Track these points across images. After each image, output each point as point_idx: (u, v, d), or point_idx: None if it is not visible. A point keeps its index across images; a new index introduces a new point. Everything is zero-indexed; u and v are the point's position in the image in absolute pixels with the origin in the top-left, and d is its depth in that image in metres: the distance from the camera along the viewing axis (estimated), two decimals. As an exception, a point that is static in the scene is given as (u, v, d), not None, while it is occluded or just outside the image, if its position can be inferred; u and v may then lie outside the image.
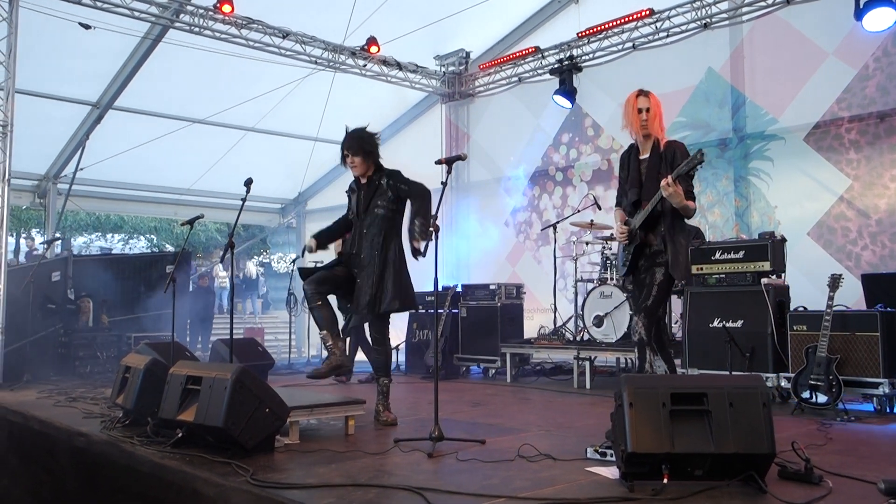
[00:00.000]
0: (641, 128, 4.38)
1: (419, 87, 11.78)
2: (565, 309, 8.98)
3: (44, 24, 8.45)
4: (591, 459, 3.77)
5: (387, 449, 4.11)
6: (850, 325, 5.62)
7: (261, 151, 12.20)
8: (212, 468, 3.61)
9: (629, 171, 4.52)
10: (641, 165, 4.45)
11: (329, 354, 4.99)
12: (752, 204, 8.62)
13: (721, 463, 3.13)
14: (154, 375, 4.76)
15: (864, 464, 3.74)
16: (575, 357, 7.65)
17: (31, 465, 5.23)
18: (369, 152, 5.22)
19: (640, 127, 4.38)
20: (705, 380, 3.78)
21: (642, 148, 4.47)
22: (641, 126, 4.37)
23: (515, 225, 11.24)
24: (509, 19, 11.17)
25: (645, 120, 4.34)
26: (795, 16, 8.23)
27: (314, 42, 10.13)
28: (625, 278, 4.73)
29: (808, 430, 4.76)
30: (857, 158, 7.76)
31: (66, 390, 7.00)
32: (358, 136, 5.25)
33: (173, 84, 10.53)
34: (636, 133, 4.44)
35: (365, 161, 5.20)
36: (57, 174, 12.09)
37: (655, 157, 4.36)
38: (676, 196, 4.10)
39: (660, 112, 4.40)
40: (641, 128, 4.38)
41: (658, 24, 9.24)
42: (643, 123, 4.35)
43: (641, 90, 4.42)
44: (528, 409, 6.25)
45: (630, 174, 4.50)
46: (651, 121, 4.35)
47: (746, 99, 8.68)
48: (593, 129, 10.31)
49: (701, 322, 6.42)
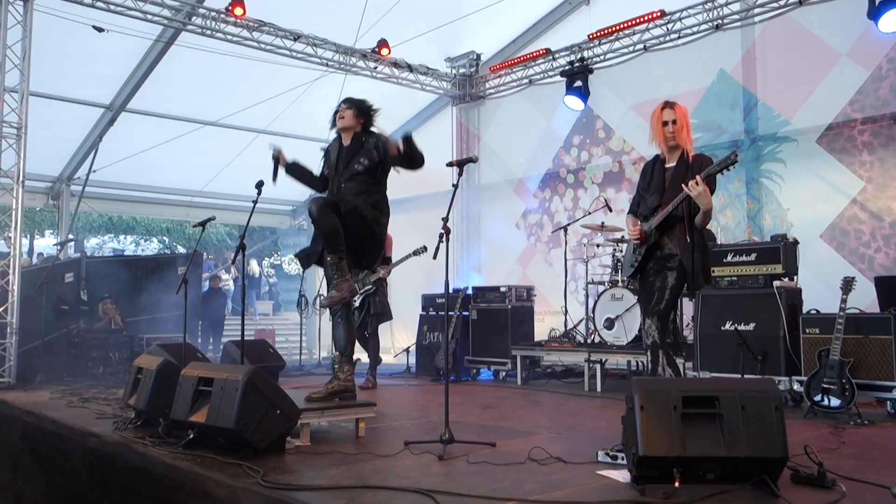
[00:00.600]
0: (668, 139, 4.35)
1: (430, 90, 11.79)
2: (576, 311, 8.96)
3: (57, 27, 8.51)
4: (602, 463, 3.76)
5: (397, 451, 4.11)
6: (863, 328, 5.58)
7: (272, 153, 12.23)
8: (223, 469, 3.62)
9: (652, 179, 4.46)
10: (666, 173, 4.40)
11: (333, 377, 4.90)
12: (765, 206, 8.57)
13: (733, 467, 3.12)
14: (166, 377, 4.78)
15: (878, 468, 3.71)
16: (586, 359, 7.63)
17: (45, 466, 5.27)
18: (361, 110, 5.12)
19: (667, 138, 4.35)
20: (717, 383, 3.76)
21: (668, 158, 4.44)
22: (668, 137, 4.34)
23: (527, 227, 11.23)
24: (520, 21, 11.17)
25: (672, 132, 4.32)
26: (808, 17, 8.19)
27: (325, 44, 10.16)
28: (630, 279, 4.70)
29: (821, 434, 4.73)
30: (871, 160, 7.71)
31: (79, 391, 7.05)
32: (357, 97, 5.23)
33: (185, 86, 10.58)
34: (662, 144, 4.41)
35: (355, 116, 5.10)
36: (70, 176, 12.18)
37: (682, 166, 4.32)
38: (704, 196, 4.07)
39: (687, 123, 4.37)
40: (668, 139, 4.35)
41: (669, 25, 9.21)
42: (670, 135, 4.33)
43: (667, 102, 4.38)
44: (538, 411, 6.24)
45: (653, 181, 4.45)
46: (678, 132, 4.32)
47: (758, 100, 8.64)
48: (604, 132, 10.29)
49: (713, 325, 6.40)
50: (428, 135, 12.51)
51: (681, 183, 4.21)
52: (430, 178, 7.07)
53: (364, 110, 5.15)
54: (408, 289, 10.17)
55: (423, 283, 9.59)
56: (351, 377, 4.92)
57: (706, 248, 4.38)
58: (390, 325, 12.78)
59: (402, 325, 12.01)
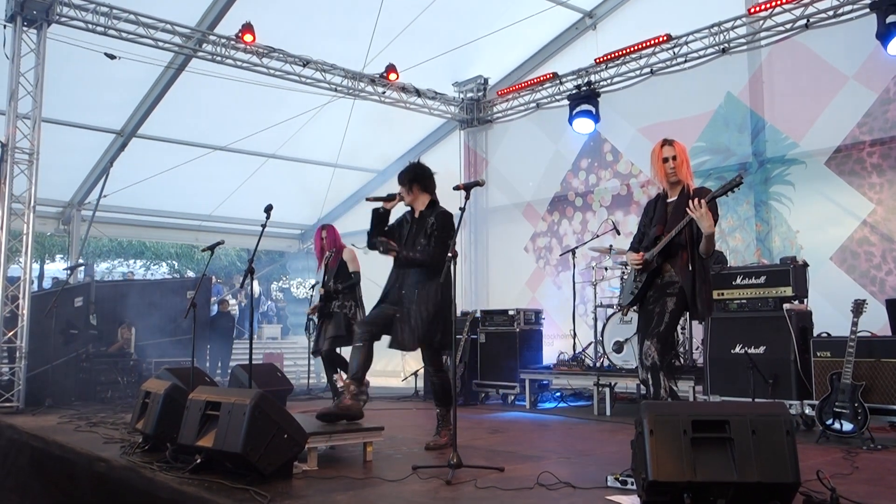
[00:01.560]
0: (669, 175, 4.41)
1: (438, 114, 11.86)
2: (586, 334, 8.92)
3: (70, 54, 8.64)
4: (611, 488, 3.72)
5: (405, 476, 4.08)
6: (875, 351, 5.53)
7: (281, 178, 12.32)
8: (230, 494, 3.61)
9: (655, 214, 4.52)
10: (668, 207, 4.46)
11: (342, 396, 4.94)
12: (774, 228, 8.55)
13: (744, 492, 3.08)
14: (174, 401, 4.78)
15: (893, 493, 3.67)
16: (595, 383, 7.59)
17: (52, 490, 5.25)
18: (413, 182, 5.23)
19: (668, 175, 4.41)
20: (727, 407, 3.73)
21: (670, 193, 4.48)
22: (669, 174, 4.40)
23: (535, 250, 11.22)
24: (527, 46, 11.26)
25: (673, 168, 4.38)
26: (814, 40, 8.22)
27: (334, 70, 10.25)
28: (628, 307, 4.69)
29: (833, 459, 4.68)
30: (880, 182, 7.69)
31: (87, 415, 7.04)
32: (408, 168, 5.32)
33: (196, 112, 10.69)
34: (664, 181, 4.46)
35: (409, 191, 5.23)
36: (81, 201, 12.28)
37: (683, 199, 4.36)
38: (706, 219, 4.07)
39: (686, 158, 4.44)
40: (669, 175, 4.41)
41: (676, 49, 9.26)
42: (671, 171, 4.38)
43: (665, 140, 4.46)
44: (547, 435, 6.19)
45: (656, 215, 4.50)
46: (679, 167, 4.38)
47: (766, 123, 8.65)
48: (612, 155, 10.31)
49: (723, 348, 6.35)
50: (436, 158, 12.53)
51: (682, 214, 4.25)
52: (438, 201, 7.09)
53: (413, 181, 5.22)
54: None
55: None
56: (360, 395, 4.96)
57: (708, 278, 4.38)
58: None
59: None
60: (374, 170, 13.17)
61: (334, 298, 7.24)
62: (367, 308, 6.99)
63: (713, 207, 4.15)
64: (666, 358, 4.23)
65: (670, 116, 9.43)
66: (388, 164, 12.88)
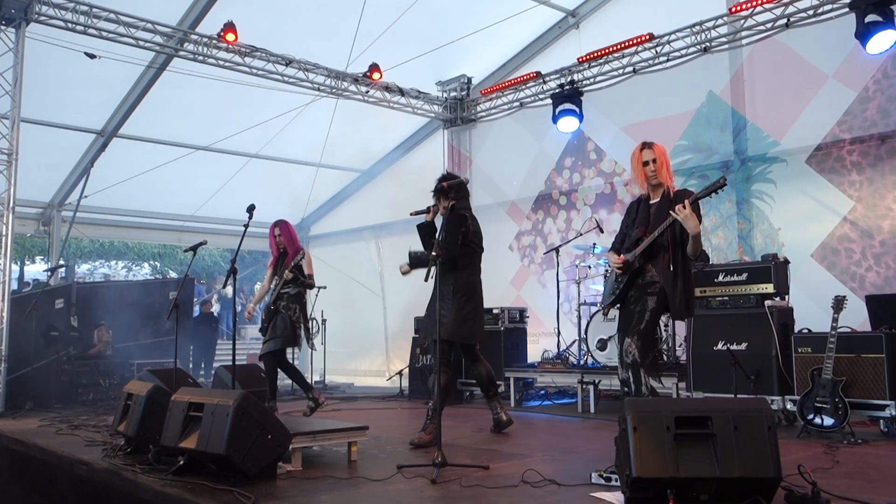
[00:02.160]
0: (650, 178, 4.44)
1: (421, 113, 11.85)
2: (570, 332, 8.94)
3: (49, 53, 8.54)
4: (595, 484, 3.74)
5: (390, 475, 4.08)
6: (855, 347, 5.59)
7: (264, 177, 12.24)
8: (214, 496, 3.59)
9: (637, 215, 4.54)
10: (651, 208, 4.48)
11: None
12: (756, 226, 8.61)
13: (727, 487, 3.10)
14: (156, 402, 4.74)
15: (872, 487, 3.70)
16: (579, 381, 7.62)
17: (33, 494, 5.20)
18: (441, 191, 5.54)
19: (649, 178, 4.44)
20: (710, 403, 3.76)
21: (652, 196, 4.51)
22: (649, 177, 4.44)
23: (520, 249, 11.24)
24: (510, 45, 11.26)
25: (653, 171, 4.41)
26: (795, 39, 8.28)
27: (317, 69, 10.21)
28: (609, 307, 4.72)
29: (814, 454, 4.72)
30: (860, 180, 7.77)
31: (69, 418, 6.98)
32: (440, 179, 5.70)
33: (177, 112, 10.61)
34: (644, 184, 4.50)
35: (439, 201, 5.63)
36: (61, 202, 12.15)
37: (665, 201, 4.39)
38: (691, 220, 4.10)
39: (666, 160, 4.47)
40: (650, 178, 4.44)
41: (658, 48, 9.30)
42: (651, 174, 4.42)
43: (645, 143, 4.49)
44: (532, 433, 6.20)
45: (638, 216, 4.53)
46: (659, 170, 4.42)
47: (747, 122, 8.71)
48: (595, 153, 10.34)
49: (705, 345, 6.40)
50: (420, 158, 12.57)
51: (665, 215, 4.28)
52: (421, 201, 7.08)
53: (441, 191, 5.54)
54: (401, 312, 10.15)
55: (416, 306, 9.57)
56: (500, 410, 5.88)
57: (690, 278, 4.41)
58: (385, 347, 12.82)
59: (396, 348, 11.98)
60: (358, 169, 13.13)
61: (279, 299, 7.10)
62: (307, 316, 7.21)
63: (696, 208, 4.18)
64: (647, 355, 4.26)
65: (653, 115, 9.48)
66: (371, 163, 12.86)
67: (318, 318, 11.90)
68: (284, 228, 7.39)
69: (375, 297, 12.72)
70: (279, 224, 7.42)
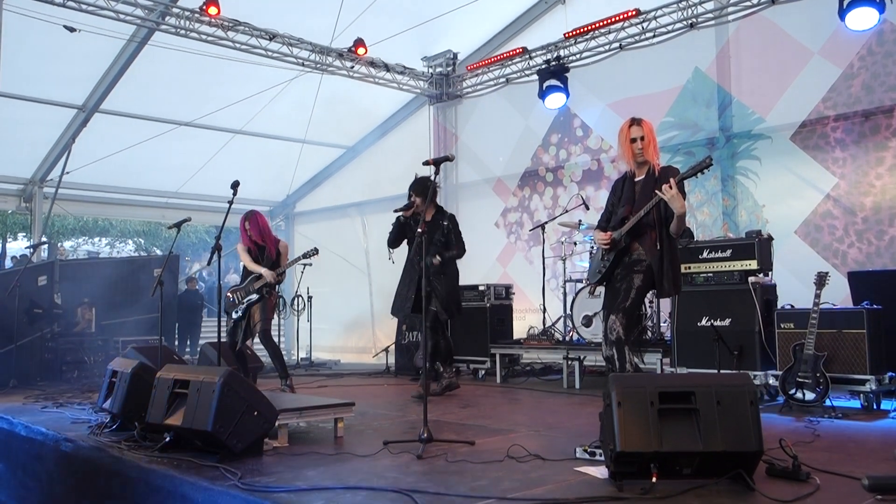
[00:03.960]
0: (636, 156, 4.43)
1: (407, 89, 11.76)
2: (557, 309, 8.98)
3: (28, 26, 8.38)
4: (580, 459, 3.78)
5: (376, 451, 4.10)
6: (837, 323, 5.65)
7: (248, 154, 12.15)
8: (200, 472, 3.60)
9: (623, 193, 4.55)
10: (636, 186, 4.49)
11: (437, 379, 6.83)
12: (741, 203, 8.65)
13: (709, 461, 3.14)
14: (141, 380, 4.73)
15: (852, 460, 3.76)
16: (564, 357, 7.66)
17: (18, 472, 5.19)
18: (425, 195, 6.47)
19: (636, 155, 4.43)
20: (693, 378, 3.79)
21: (637, 173, 4.51)
22: (636, 154, 4.43)
23: (506, 226, 11.24)
24: (496, 20, 11.17)
25: (640, 149, 4.41)
26: (781, 15, 8.27)
27: (301, 44, 10.10)
28: (595, 285, 4.75)
29: (795, 428, 4.79)
30: (843, 157, 7.81)
31: (53, 395, 6.96)
32: (421, 182, 6.76)
33: (160, 87, 10.46)
34: (631, 161, 4.49)
35: (424, 202, 6.52)
36: (43, 178, 11.99)
37: (650, 179, 4.40)
38: (677, 200, 4.10)
39: (653, 138, 4.46)
40: (636, 156, 4.43)
41: (644, 24, 9.26)
42: (638, 151, 4.41)
43: (634, 119, 4.47)
44: (517, 409, 6.25)
45: (624, 194, 4.54)
46: (646, 148, 4.42)
47: (733, 98, 8.71)
48: (582, 130, 10.33)
49: (689, 321, 6.44)
50: (405, 134, 12.50)
51: (650, 193, 4.29)
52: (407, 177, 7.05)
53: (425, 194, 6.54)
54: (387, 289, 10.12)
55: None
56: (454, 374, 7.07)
57: (676, 257, 4.44)
58: (371, 324, 12.83)
59: (382, 324, 12.00)
60: (343, 146, 13.05)
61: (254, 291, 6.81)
62: None
63: (681, 187, 4.19)
64: (631, 333, 4.29)
65: (639, 91, 9.46)
66: (356, 139, 12.78)
67: (303, 295, 11.89)
68: (254, 223, 6.95)
69: (361, 274, 12.71)
70: (249, 218, 6.99)
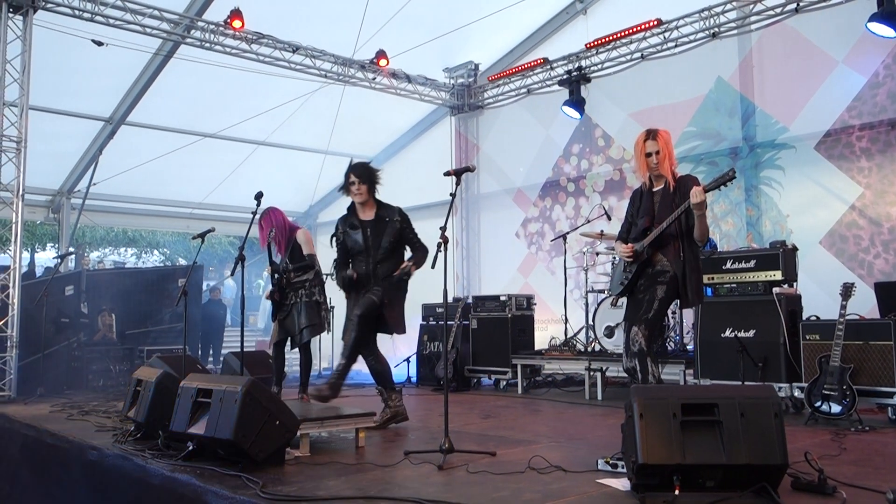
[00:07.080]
0: (652, 170, 4.48)
1: (428, 100, 11.82)
2: (578, 319, 8.94)
3: (57, 41, 8.55)
4: (602, 471, 3.75)
5: (397, 461, 4.10)
6: (863, 334, 5.57)
7: (271, 165, 12.27)
8: (222, 481, 3.62)
9: (641, 204, 4.56)
10: (655, 196, 4.49)
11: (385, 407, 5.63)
12: (765, 213, 8.58)
13: (733, 474, 3.11)
14: (165, 388, 4.78)
15: (880, 474, 3.70)
16: (586, 368, 7.62)
17: (44, 479, 5.25)
18: (374, 185, 5.54)
19: (651, 169, 4.47)
20: (716, 390, 3.76)
21: (655, 184, 4.53)
22: (652, 168, 4.47)
23: (527, 236, 11.23)
24: (518, 31, 11.21)
25: (656, 163, 4.42)
26: (804, 24, 8.21)
27: (324, 56, 10.20)
28: (618, 297, 4.74)
29: (821, 441, 4.72)
30: (869, 166, 7.72)
31: (79, 404, 7.04)
32: (366, 167, 5.58)
33: (185, 99, 10.62)
34: (646, 175, 4.52)
35: (369, 191, 5.51)
36: (70, 189, 12.21)
37: (668, 189, 4.43)
38: (704, 206, 4.14)
39: (669, 151, 4.47)
40: (652, 170, 4.48)
41: (666, 33, 9.24)
42: (654, 166, 4.44)
43: (649, 131, 4.47)
44: (539, 420, 6.22)
45: (643, 205, 4.55)
46: (661, 162, 4.43)
47: (756, 108, 8.65)
48: (604, 140, 10.31)
49: (713, 332, 6.38)
50: (427, 145, 12.56)
51: (670, 204, 4.32)
52: (428, 187, 7.06)
53: (374, 184, 5.54)
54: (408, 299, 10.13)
55: (424, 292, 9.57)
56: (401, 403, 5.72)
57: (699, 267, 4.44)
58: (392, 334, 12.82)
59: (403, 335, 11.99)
60: (366, 156, 13.08)
61: (299, 287, 6.62)
62: None
63: None
64: (654, 344, 4.26)
65: (661, 101, 9.43)
66: (378, 150, 12.84)
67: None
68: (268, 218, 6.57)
69: (382, 283, 12.72)
70: (263, 216, 6.56)
